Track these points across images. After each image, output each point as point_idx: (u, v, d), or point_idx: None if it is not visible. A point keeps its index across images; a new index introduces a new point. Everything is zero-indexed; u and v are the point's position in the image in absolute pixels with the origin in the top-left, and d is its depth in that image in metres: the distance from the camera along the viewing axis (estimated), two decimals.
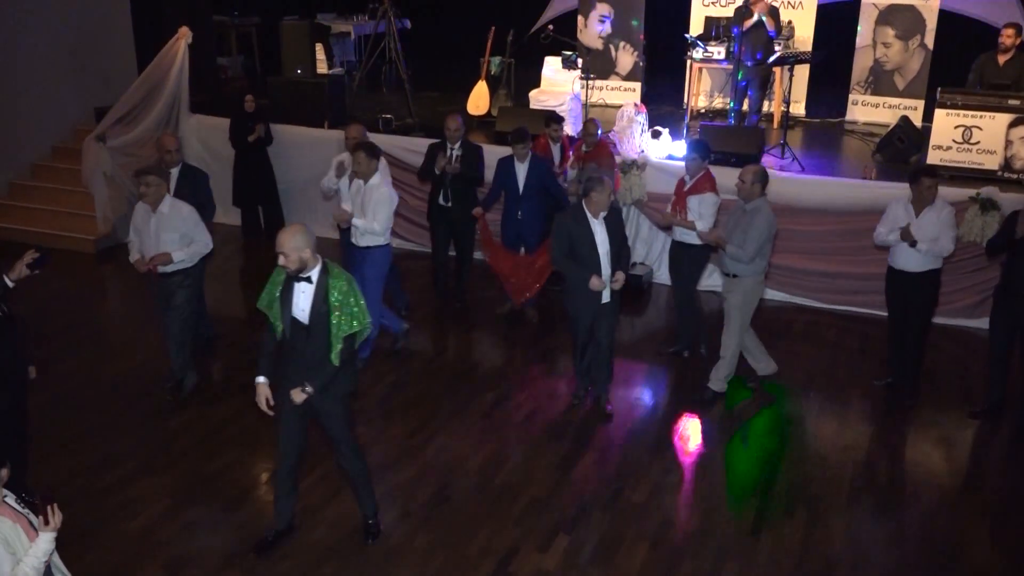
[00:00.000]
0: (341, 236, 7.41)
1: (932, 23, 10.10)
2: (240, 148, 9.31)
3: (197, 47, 10.05)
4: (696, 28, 10.84)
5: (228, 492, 5.43)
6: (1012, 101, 7.91)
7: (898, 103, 10.29)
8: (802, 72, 10.51)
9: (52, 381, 6.43)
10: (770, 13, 9.36)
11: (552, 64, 10.53)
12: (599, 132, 7.95)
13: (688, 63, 10.36)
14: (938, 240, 6.08)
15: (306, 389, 4.49)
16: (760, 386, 6.73)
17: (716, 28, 10.31)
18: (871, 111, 10.55)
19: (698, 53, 10.06)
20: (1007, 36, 8.56)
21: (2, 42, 9.79)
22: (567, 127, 9.31)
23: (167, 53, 9.78)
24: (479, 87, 10.27)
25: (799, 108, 10.81)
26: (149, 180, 5.88)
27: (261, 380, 4.60)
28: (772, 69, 9.80)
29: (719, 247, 6.31)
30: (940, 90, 8.17)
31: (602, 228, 5.88)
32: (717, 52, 9.98)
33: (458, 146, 7.54)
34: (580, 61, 9.97)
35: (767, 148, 8.79)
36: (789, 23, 10.54)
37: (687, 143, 7.39)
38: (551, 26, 11.42)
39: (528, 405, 6.51)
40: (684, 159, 7.01)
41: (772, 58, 9.41)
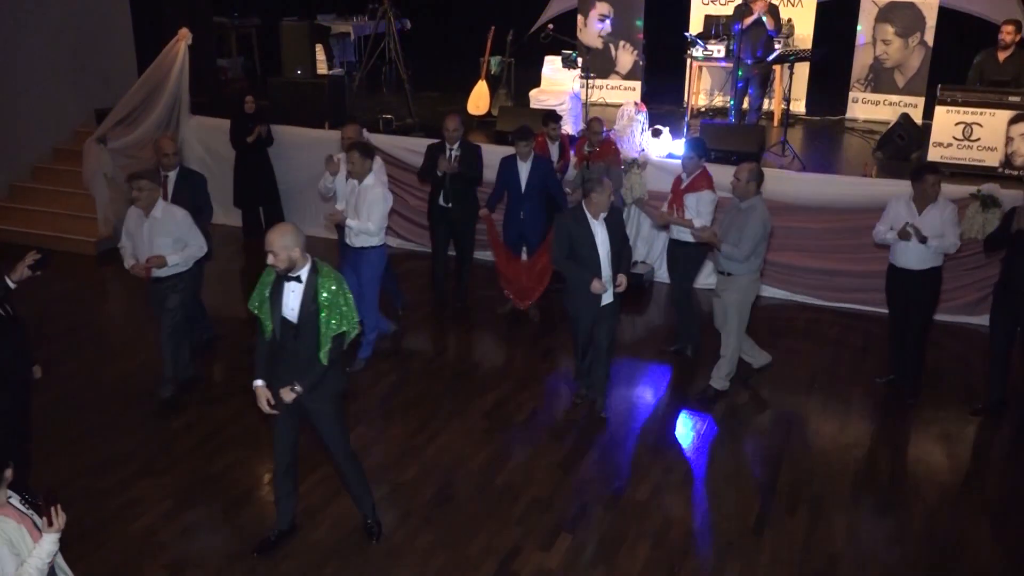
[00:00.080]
0: (340, 237, 7.41)
1: (932, 20, 10.09)
2: (240, 149, 9.32)
3: (197, 48, 10.05)
4: (696, 27, 10.84)
5: (230, 493, 5.44)
6: (1012, 98, 7.91)
7: (898, 100, 10.29)
8: (802, 70, 10.50)
9: (53, 382, 6.42)
10: (770, 11, 9.36)
11: (552, 63, 10.53)
12: (604, 131, 7.90)
13: (688, 62, 10.35)
14: (943, 237, 6.08)
15: (295, 388, 4.49)
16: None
17: (716, 26, 10.31)
18: (871, 109, 10.54)
19: (698, 51, 10.05)
20: (1007, 33, 8.55)
21: (2, 44, 9.81)
22: (567, 126, 9.33)
23: (167, 54, 9.78)
24: (479, 87, 10.27)
25: (799, 106, 10.80)
26: (142, 185, 5.84)
27: (259, 383, 4.59)
28: (772, 67, 9.79)
29: (713, 246, 6.31)
30: (940, 87, 8.17)
31: (602, 229, 5.86)
32: (717, 50, 9.98)
33: (457, 146, 7.53)
34: (580, 60, 9.97)
35: (768, 147, 8.79)
36: (789, 21, 10.54)
37: (684, 141, 7.37)
38: (551, 25, 11.42)
39: (529, 405, 6.51)
40: (681, 157, 7.01)
41: (772, 56, 9.40)
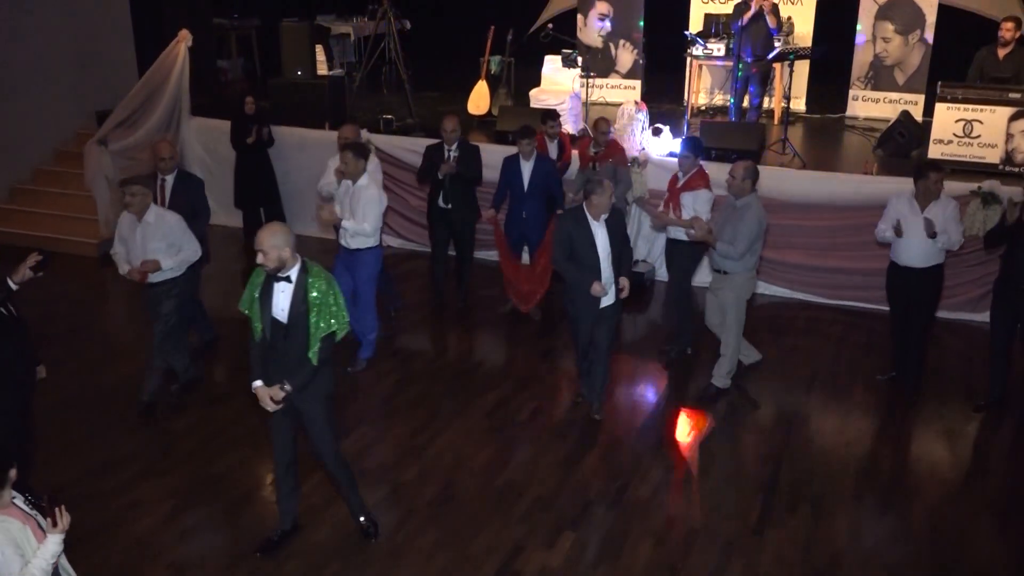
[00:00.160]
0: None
1: (932, 17, 10.09)
2: (241, 150, 9.32)
3: (197, 50, 10.07)
4: (696, 25, 10.84)
5: (232, 493, 5.45)
6: (1012, 95, 7.91)
7: (898, 98, 10.29)
8: (802, 68, 10.50)
9: (55, 384, 6.40)
10: (771, 10, 9.35)
11: (552, 63, 10.52)
12: (610, 131, 7.81)
13: (688, 60, 10.35)
14: (946, 234, 6.08)
15: (284, 387, 4.49)
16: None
17: (716, 25, 10.31)
18: (871, 106, 10.54)
19: (698, 50, 10.05)
20: (1007, 30, 8.55)
21: (2, 46, 9.82)
22: (567, 125, 9.33)
23: (167, 56, 9.79)
24: (479, 87, 10.27)
25: (799, 104, 10.80)
26: (134, 190, 5.80)
27: (258, 384, 4.57)
28: (772, 65, 9.79)
29: (708, 244, 6.30)
30: (940, 84, 8.17)
31: (603, 230, 5.82)
32: (717, 49, 9.97)
33: (455, 147, 7.52)
34: (580, 59, 9.97)
35: (768, 145, 8.79)
36: (789, 19, 10.54)
37: (681, 140, 7.32)
38: (551, 25, 11.42)
39: (531, 404, 6.51)
40: (677, 156, 6.97)
41: (772, 54, 9.40)
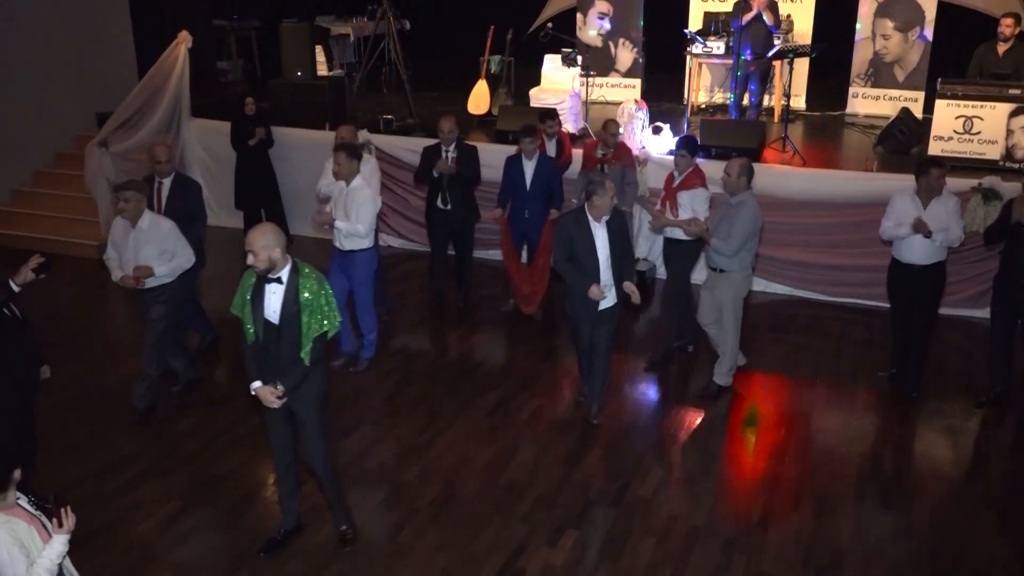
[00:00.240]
0: None
1: (931, 14, 10.09)
2: (241, 151, 9.31)
3: (197, 51, 10.07)
4: (695, 24, 10.84)
5: (235, 493, 5.45)
6: (1012, 91, 7.91)
7: (898, 95, 10.29)
8: (802, 66, 10.50)
9: (57, 385, 6.42)
10: (769, 7, 9.36)
11: (552, 62, 10.53)
12: (618, 132, 7.71)
13: (688, 59, 10.36)
14: (948, 230, 6.08)
15: (277, 388, 4.49)
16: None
17: (715, 23, 10.31)
18: (871, 103, 10.54)
19: (698, 48, 10.05)
20: (1006, 26, 8.55)
21: (3, 48, 9.83)
22: (567, 125, 9.34)
23: (167, 58, 9.79)
24: (479, 86, 10.28)
25: (799, 102, 10.80)
26: (128, 196, 5.77)
27: (257, 384, 4.55)
28: (772, 63, 9.80)
29: (704, 240, 6.30)
30: (940, 81, 8.17)
31: (603, 232, 5.79)
32: (716, 47, 9.98)
33: (453, 147, 7.51)
34: (580, 58, 9.97)
35: (768, 143, 8.79)
36: (788, 17, 10.54)
37: (676, 139, 7.24)
38: (550, 24, 11.43)
39: (533, 403, 6.52)
40: (673, 155, 6.91)
41: (772, 52, 9.41)
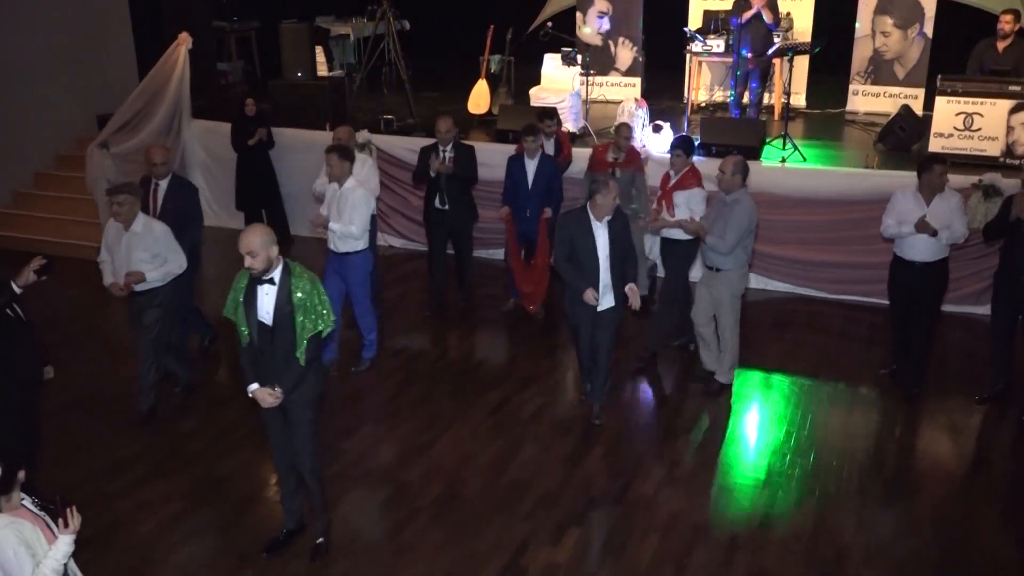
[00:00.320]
0: None
1: (930, 11, 10.08)
2: (242, 152, 9.33)
3: (197, 52, 10.06)
4: (695, 22, 10.84)
5: (238, 493, 5.47)
6: (1012, 87, 7.91)
7: (898, 92, 10.28)
8: (802, 63, 10.49)
9: (60, 386, 6.43)
10: (769, 5, 9.35)
11: (552, 61, 10.53)
12: (632, 136, 7.57)
13: (688, 57, 10.36)
14: (953, 227, 6.07)
15: (275, 391, 4.48)
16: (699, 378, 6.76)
17: (715, 21, 10.30)
18: (872, 101, 10.53)
19: (697, 47, 10.05)
20: (1006, 22, 8.54)
21: (3, 50, 9.84)
22: (568, 124, 9.34)
23: (168, 59, 9.80)
24: (479, 86, 10.29)
25: (799, 99, 10.78)
26: (121, 199, 5.75)
27: (254, 387, 4.55)
28: (772, 61, 9.79)
29: (700, 238, 6.29)
30: (940, 78, 8.17)
31: (604, 232, 5.79)
32: (716, 45, 9.97)
33: (450, 147, 7.49)
34: (580, 57, 9.97)
35: (769, 141, 8.79)
36: (788, 15, 10.53)
37: (672, 139, 7.13)
38: (550, 23, 11.44)
39: (535, 401, 6.53)
40: (669, 154, 6.86)
41: (771, 50, 9.40)
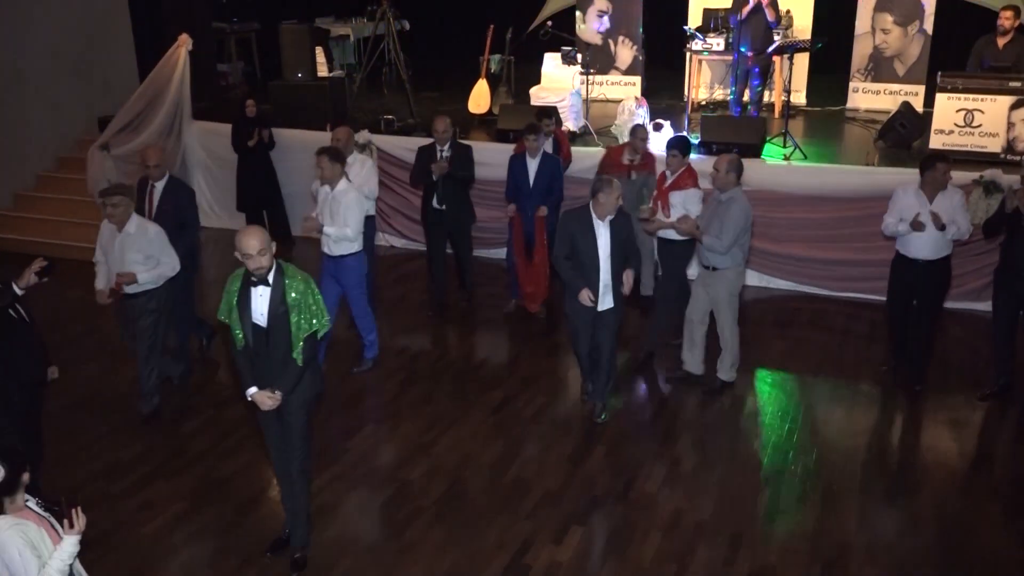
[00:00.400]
0: None
1: (930, 8, 10.08)
2: (242, 153, 9.34)
3: (197, 54, 10.07)
4: (695, 20, 10.84)
5: (243, 493, 5.48)
6: (1013, 83, 7.90)
7: (899, 89, 10.28)
8: (802, 61, 10.49)
9: (63, 387, 6.44)
10: (769, 3, 9.35)
11: (552, 60, 10.54)
12: (648, 137, 7.49)
13: (688, 55, 10.36)
14: (955, 224, 6.07)
15: (274, 394, 4.48)
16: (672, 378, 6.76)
17: (714, 19, 10.30)
18: (872, 98, 10.53)
19: (697, 45, 10.05)
20: (1005, 18, 8.54)
21: (4, 53, 9.85)
22: (568, 123, 9.34)
23: (168, 61, 9.82)
24: (480, 85, 10.30)
25: (800, 97, 10.78)
26: (115, 201, 5.75)
27: (253, 390, 4.54)
28: (772, 59, 9.79)
29: (695, 238, 6.29)
30: (940, 74, 8.17)
31: (606, 231, 5.78)
32: (716, 43, 9.98)
33: (447, 147, 7.49)
34: (580, 56, 9.98)
35: (769, 139, 8.79)
36: (788, 12, 10.53)
37: (668, 139, 7.07)
38: (549, 22, 11.44)
39: (537, 401, 6.53)
40: (665, 154, 6.85)
41: (771, 47, 9.40)
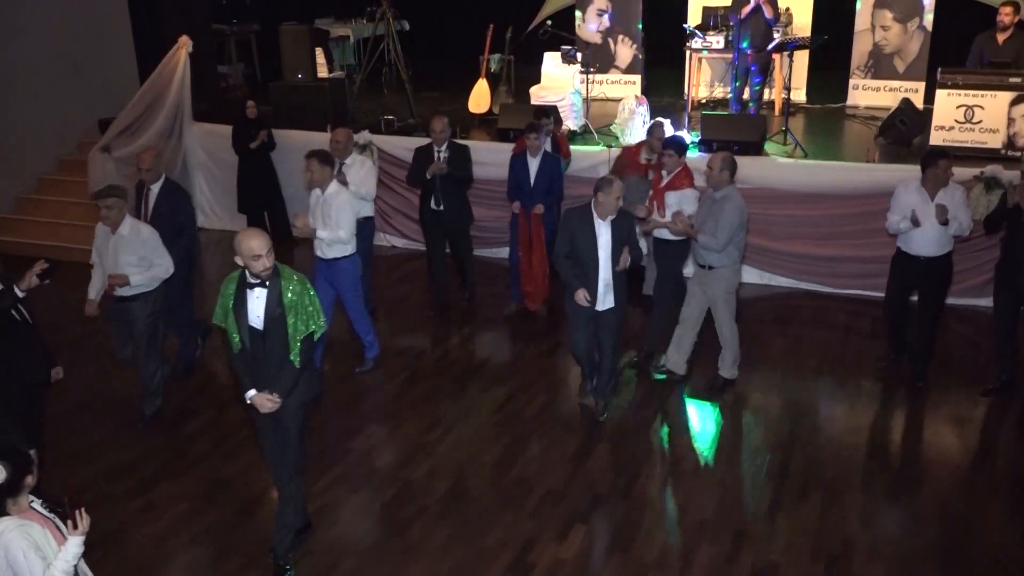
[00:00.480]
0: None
1: (930, 4, 10.09)
2: (243, 154, 9.35)
3: (198, 56, 10.08)
4: (694, 18, 10.84)
5: (244, 494, 5.48)
6: (1013, 79, 7.91)
7: (899, 86, 10.28)
8: (802, 59, 10.49)
9: (65, 389, 6.45)
10: (768, 1, 9.35)
11: (552, 59, 10.55)
12: (664, 135, 7.36)
13: (688, 54, 10.36)
14: (957, 220, 6.07)
15: (272, 395, 4.48)
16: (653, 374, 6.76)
17: (714, 18, 10.31)
18: (872, 95, 10.54)
19: (697, 43, 10.05)
20: (1005, 14, 8.54)
21: (3, 55, 9.86)
22: (568, 122, 9.34)
23: (168, 63, 9.83)
24: (480, 85, 10.30)
25: (800, 95, 10.79)
26: (109, 203, 5.76)
27: (252, 393, 4.52)
28: (772, 56, 9.79)
29: (690, 237, 6.29)
30: (940, 71, 8.17)
31: (607, 231, 5.76)
32: (716, 42, 9.98)
33: (445, 147, 7.47)
34: (579, 55, 9.98)
35: (770, 136, 8.79)
36: (787, 10, 10.54)
37: (665, 139, 7.07)
38: (549, 22, 11.44)
39: (539, 399, 6.54)
40: (663, 155, 6.82)
41: (771, 45, 9.40)
